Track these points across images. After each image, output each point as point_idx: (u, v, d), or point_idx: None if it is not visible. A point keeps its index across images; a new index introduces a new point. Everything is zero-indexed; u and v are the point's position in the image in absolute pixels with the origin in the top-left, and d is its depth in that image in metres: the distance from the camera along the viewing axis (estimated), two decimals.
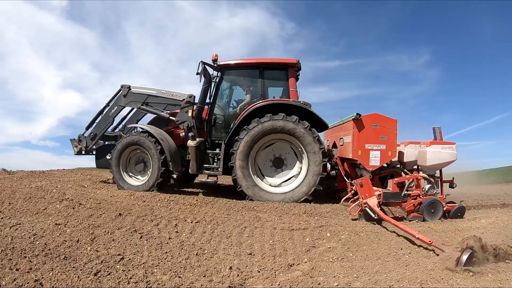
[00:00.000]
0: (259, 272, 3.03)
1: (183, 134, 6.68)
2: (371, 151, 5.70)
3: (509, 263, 3.28)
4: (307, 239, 3.89)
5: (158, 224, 4.09)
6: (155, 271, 2.91)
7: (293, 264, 3.23)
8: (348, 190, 5.82)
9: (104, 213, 4.29)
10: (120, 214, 4.29)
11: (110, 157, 6.48)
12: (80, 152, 7.33)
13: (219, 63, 6.33)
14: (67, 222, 3.93)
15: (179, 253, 3.32)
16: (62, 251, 3.14)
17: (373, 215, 4.49)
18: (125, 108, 7.35)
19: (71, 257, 3.02)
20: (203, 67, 6.02)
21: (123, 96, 7.11)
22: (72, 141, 7.38)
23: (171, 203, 5.18)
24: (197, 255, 3.33)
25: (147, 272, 2.87)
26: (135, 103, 7.11)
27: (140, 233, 3.73)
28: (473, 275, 2.95)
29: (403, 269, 3.12)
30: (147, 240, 3.58)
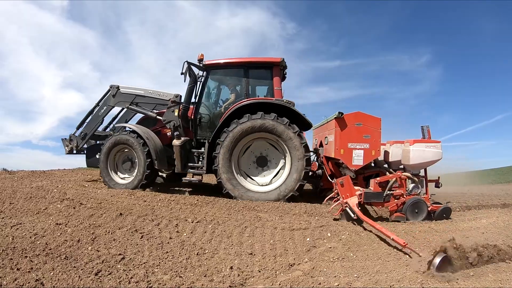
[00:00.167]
0: (259, 272, 3.03)
1: (170, 133, 6.74)
2: (354, 150, 5.63)
3: (510, 263, 3.27)
4: (308, 239, 3.89)
5: (159, 224, 4.09)
6: (156, 270, 2.92)
7: (294, 264, 3.23)
8: (333, 189, 5.78)
9: (105, 213, 4.29)
10: (121, 214, 4.29)
11: (99, 156, 6.59)
12: (71, 151, 7.42)
13: (204, 63, 6.38)
14: (68, 221, 3.93)
15: (179, 253, 3.32)
16: (63, 250, 3.15)
17: (353, 215, 4.43)
18: (116, 108, 7.44)
19: (72, 257, 3.02)
20: (187, 66, 6.07)
21: (112, 96, 7.20)
22: (63, 141, 7.48)
23: (172, 203, 5.19)
24: (197, 255, 3.33)
25: (148, 272, 2.87)
26: (123, 103, 7.21)
27: (141, 233, 3.73)
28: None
29: (403, 269, 3.11)
30: (148, 240, 3.59)
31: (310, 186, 7.53)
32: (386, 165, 6.28)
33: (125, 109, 7.47)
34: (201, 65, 6.37)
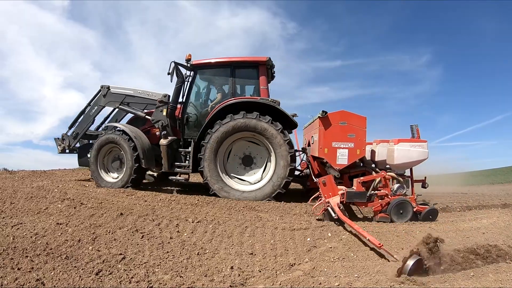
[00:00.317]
0: (260, 271, 3.03)
1: (159, 132, 6.78)
2: (338, 149, 5.54)
3: (510, 263, 3.27)
4: (308, 239, 3.89)
5: (159, 223, 4.09)
6: (157, 270, 2.92)
7: (294, 263, 3.23)
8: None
9: (105, 213, 4.29)
10: (121, 213, 4.29)
11: (89, 155, 6.66)
12: (63, 150, 7.47)
13: (191, 63, 6.41)
14: (69, 221, 3.94)
15: (180, 253, 3.33)
16: (63, 250, 3.15)
17: (333, 215, 4.36)
18: (109, 108, 7.51)
19: (72, 257, 3.03)
20: (174, 67, 6.10)
21: (102, 96, 7.25)
22: (56, 140, 7.53)
23: (172, 203, 5.19)
24: (198, 254, 3.33)
25: (148, 271, 2.87)
26: (114, 103, 7.26)
27: (141, 233, 3.73)
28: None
29: None
30: (148, 239, 3.59)
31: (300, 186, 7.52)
32: (373, 165, 6.22)
33: (117, 109, 7.54)
34: (188, 65, 6.41)
